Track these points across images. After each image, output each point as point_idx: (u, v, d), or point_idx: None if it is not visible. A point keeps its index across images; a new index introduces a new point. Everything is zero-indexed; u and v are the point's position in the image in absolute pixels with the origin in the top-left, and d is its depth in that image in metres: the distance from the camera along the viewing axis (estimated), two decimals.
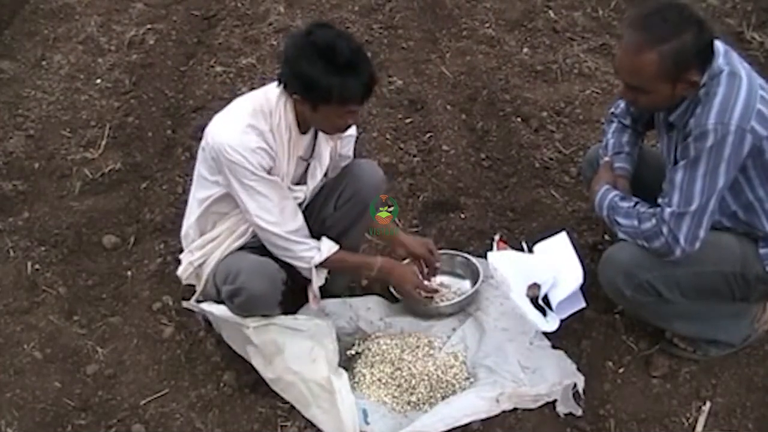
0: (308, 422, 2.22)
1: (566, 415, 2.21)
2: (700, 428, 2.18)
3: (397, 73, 3.97)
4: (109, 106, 3.77)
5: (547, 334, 2.37)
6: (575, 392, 2.25)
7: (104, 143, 3.48)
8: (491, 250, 2.72)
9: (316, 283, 2.35)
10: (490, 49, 4.14)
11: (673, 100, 2.05)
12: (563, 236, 2.56)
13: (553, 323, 2.33)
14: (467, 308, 2.56)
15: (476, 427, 2.18)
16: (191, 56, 4.23)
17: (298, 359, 2.22)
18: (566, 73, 3.90)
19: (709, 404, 2.24)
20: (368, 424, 2.19)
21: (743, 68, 2.03)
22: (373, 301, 2.60)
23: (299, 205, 2.36)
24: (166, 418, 2.29)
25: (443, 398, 2.26)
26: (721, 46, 2.05)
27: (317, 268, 2.31)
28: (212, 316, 2.37)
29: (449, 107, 3.70)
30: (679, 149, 2.07)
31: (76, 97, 3.85)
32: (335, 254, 2.31)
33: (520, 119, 3.56)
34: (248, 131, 2.14)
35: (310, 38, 2.04)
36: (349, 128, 2.29)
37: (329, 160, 2.41)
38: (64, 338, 2.55)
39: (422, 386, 2.29)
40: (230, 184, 2.18)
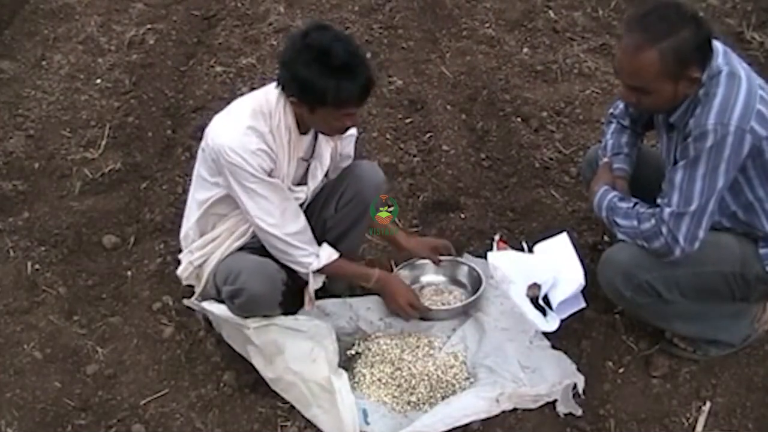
0: (308, 422, 2.23)
1: (566, 415, 2.21)
2: (700, 428, 2.18)
3: (397, 73, 3.96)
4: (109, 106, 3.77)
5: (547, 334, 2.37)
6: (575, 392, 2.25)
7: (104, 143, 3.48)
8: (491, 250, 2.71)
9: (312, 286, 2.36)
10: (490, 49, 4.14)
11: (675, 100, 2.04)
12: (563, 236, 2.56)
13: (553, 323, 2.34)
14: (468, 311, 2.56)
15: (476, 427, 2.18)
16: (191, 56, 4.23)
17: (298, 359, 2.22)
18: (566, 73, 3.90)
19: (709, 404, 2.24)
20: (368, 424, 2.19)
21: (742, 68, 2.03)
22: (373, 301, 2.60)
23: (300, 205, 2.37)
24: (166, 418, 2.29)
25: (443, 398, 2.26)
26: (719, 46, 2.04)
27: (314, 273, 2.32)
28: (212, 315, 2.38)
29: (449, 107, 3.70)
30: (678, 149, 2.07)
31: (76, 97, 3.85)
32: (334, 262, 2.32)
33: (520, 119, 3.56)
34: (248, 133, 2.13)
35: (306, 40, 2.03)
36: (348, 130, 2.28)
37: (330, 160, 2.41)
38: (64, 338, 2.55)
39: (422, 386, 2.29)
40: (231, 185, 2.18)
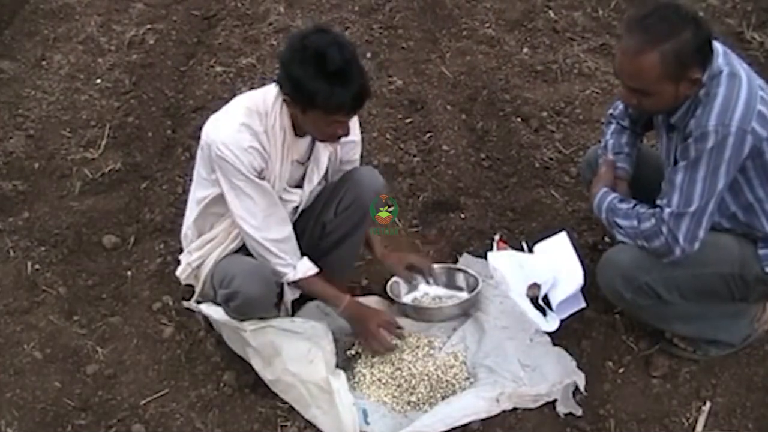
0: (308, 422, 2.23)
1: (566, 415, 2.21)
2: (700, 428, 2.18)
3: (397, 73, 3.96)
4: (109, 106, 3.77)
5: (547, 334, 2.37)
6: (576, 390, 2.25)
7: (104, 143, 3.48)
8: (491, 250, 2.72)
9: (288, 297, 2.36)
10: (490, 49, 4.14)
11: (676, 101, 2.04)
12: (563, 236, 2.56)
13: (553, 323, 2.34)
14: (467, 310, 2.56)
15: (476, 427, 2.18)
16: (191, 56, 4.22)
17: (295, 361, 2.22)
18: (566, 73, 3.89)
19: (709, 404, 2.24)
20: (368, 424, 2.19)
21: (743, 69, 2.03)
22: (373, 301, 2.60)
23: (295, 208, 2.36)
24: (166, 418, 2.29)
25: (443, 398, 2.26)
26: (719, 46, 2.04)
27: (290, 285, 2.31)
28: (211, 317, 2.38)
29: (449, 107, 3.70)
30: (678, 150, 2.07)
31: (76, 97, 3.85)
32: (309, 278, 2.30)
33: (520, 119, 3.56)
34: (242, 130, 2.13)
35: (304, 42, 2.03)
36: (339, 138, 2.20)
37: (328, 164, 2.39)
38: (64, 338, 2.55)
39: (422, 386, 2.29)
40: (219, 180, 2.17)
